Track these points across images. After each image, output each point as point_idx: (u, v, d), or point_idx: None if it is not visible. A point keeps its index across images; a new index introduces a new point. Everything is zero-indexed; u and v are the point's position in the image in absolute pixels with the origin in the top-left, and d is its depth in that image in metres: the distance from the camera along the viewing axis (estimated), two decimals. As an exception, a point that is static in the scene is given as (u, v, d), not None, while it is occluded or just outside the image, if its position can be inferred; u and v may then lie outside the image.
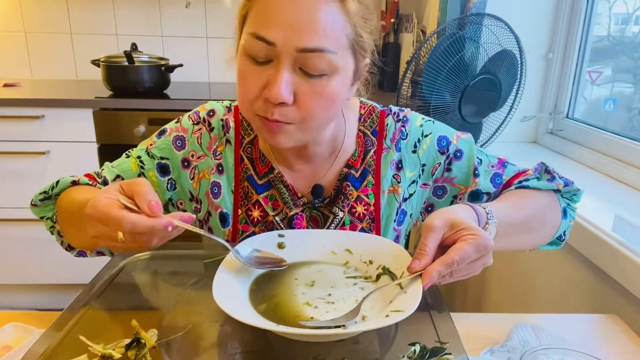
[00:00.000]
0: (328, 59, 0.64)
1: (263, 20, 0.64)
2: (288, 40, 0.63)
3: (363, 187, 0.82)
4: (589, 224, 1.00)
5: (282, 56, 0.64)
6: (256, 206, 0.81)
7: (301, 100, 0.66)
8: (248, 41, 0.66)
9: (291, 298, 0.64)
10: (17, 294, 2.28)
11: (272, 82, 0.64)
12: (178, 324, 0.60)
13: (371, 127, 0.84)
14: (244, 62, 0.67)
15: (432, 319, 0.61)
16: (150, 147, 0.83)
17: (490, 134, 1.56)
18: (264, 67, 0.66)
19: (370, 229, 0.82)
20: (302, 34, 0.63)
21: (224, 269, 0.64)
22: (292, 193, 0.81)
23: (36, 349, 0.54)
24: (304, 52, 0.63)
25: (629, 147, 1.28)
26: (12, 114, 1.96)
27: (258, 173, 0.82)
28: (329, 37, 0.64)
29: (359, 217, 0.81)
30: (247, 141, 0.82)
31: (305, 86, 0.65)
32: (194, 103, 2.01)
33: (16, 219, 2.09)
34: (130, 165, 0.82)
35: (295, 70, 0.65)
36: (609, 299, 0.97)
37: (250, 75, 0.67)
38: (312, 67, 0.64)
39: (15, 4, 2.43)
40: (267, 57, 0.65)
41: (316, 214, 0.82)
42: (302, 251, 0.74)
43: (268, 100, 0.65)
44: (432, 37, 1.39)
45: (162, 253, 0.80)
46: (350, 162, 0.82)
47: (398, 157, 0.83)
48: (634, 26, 1.50)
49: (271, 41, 0.63)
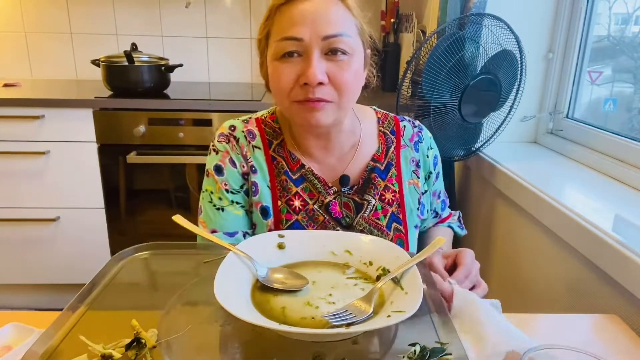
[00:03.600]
0: (347, 41, 0.79)
1: (288, 25, 0.78)
2: (313, 33, 0.77)
3: (388, 177, 0.95)
4: (589, 224, 1.00)
5: (310, 47, 0.78)
6: (296, 197, 0.91)
7: (334, 78, 0.79)
8: (278, 45, 0.80)
9: (292, 298, 0.64)
10: (17, 294, 2.28)
11: (306, 68, 0.78)
12: (178, 324, 0.60)
13: (389, 128, 0.98)
14: (277, 64, 0.81)
15: (432, 320, 0.61)
16: (224, 186, 0.91)
17: (490, 134, 1.56)
18: (294, 62, 0.79)
19: (398, 212, 0.94)
20: (323, 25, 0.77)
21: (225, 269, 0.64)
22: (324, 183, 0.92)
23: (36, 349, 0.54)
24: (327, 38, 0.78)
25: (629, 147, 1.28)
26: (12, 114, 1.96)
27: (291, 169, 0.92)
28: (343, 25, 0.79)
29: (389, 203, 0.94)
30: (275, 144, 0.94)
31: (334, 67, 0.79)
32: (194, 103, 2.03)
33: (16, 219, 2.09)
34: (233, 214, 0.91)
35: (322, 56, 0.79)
36: (609, 299, 0.97)
37: (284, 72, 0.80)
38: (337, 50, 0.79)
39: (15, 4, 2.43)
40: (297, 52, 0.79)
41: (347, 200, 0.93)
42: (302, 252, 0.75)
43: (307, 84, 0.78)
44: (432, 37, 1.39)
45: (162, 253, 0.81)
46: (375, 157, 0.95)
47: (417, 157, 0.98)
48: (634, 26, 1.50)
49: (299, 37, 0.77)
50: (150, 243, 0.79)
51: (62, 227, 2.13)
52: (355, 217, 0.91)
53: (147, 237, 0.82)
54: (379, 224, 0.92)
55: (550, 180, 1.30)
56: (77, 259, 2.17)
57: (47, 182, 2.05)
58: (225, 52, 2.57)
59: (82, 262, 2.17)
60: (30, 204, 2.09)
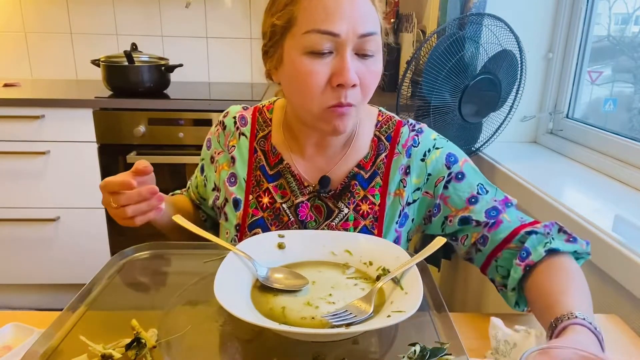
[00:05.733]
0: (377, 40, 0.74)
1: (323, 16, 0.70)
2: (351, 29, 0.70)
3: (370, 187, 0.86)
4: (589, 224, 1.00)
5: (345, 44, 0.71)
6: (266, 193, 0.88)
7: (362, 80, 0.74)
8: (309, 38, 0.71)
9: (292, 298, 0.64)
10: (17, 294, 2.28)
11: (341, 68, 0.71)
12: (178, 324, 0.60)
13: (386, 132, 0.88)
14: (306, 60, 0.72)
15: (432, 320, 0.61)
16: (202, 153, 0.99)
17: (490, 134, 1.56)
18: (325, 60, 0.72)
19: (372, 227, 0.85)
20: (360, 21, 0.71)
21: (225, 269, 0.64)
22: (299, 182, 0.87)
23: (36, 349, 0.54)
24: (364, 37, 0.72)
25: (629, 147, 1.28)
26: (12, 114, 1.96)
27: (269, 164, 0.89)
28: (375, 22, 0.74)
29: (363, 215, 0.85)
30: (261, 135, 0.91)
31: (363, 67, 0.73)
32: (194, 103, 2.02)
33: (16, 219, 2.09)
34: (197, 176, 1.01)
35: (353, 55, 0.73)
36: (609, 299, 0.97)
37: (315, 70, 0.72)
38: (368, 49, 0.73)
39: (15, 4, 2.43)
40: (329, 49, 0.71)
41: (320, 204, 0.87)
42: (302, 251, 0.74)
43: (341, 85, 0.72)
44: (432, 37, 1.39)
45: (162, 253, 0.81)
46: (361, 163, 0.87)
47: (407, 163, 0.86)
48: (634, 26, 1.50)
49: (337, 33, 0.70)
50: (150, 243, 0.79)
51: (62, 227, 2.13)
52: (322, 223, 0.86)
53: (147, 237, 0.82)
54: None
55: (550, 180, 1.30)
56: (77, 259, 2.17)
57: (47, 182, 2.05)
58: (225, 52, 2.57)
59: (82, 262, 2.17)
60: (30, 204, 2.09)
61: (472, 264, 0.87)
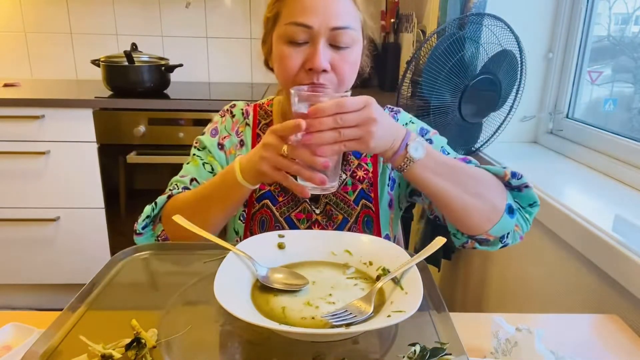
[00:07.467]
0: (352, 34, 0.84)
1: (300, 11, 0.82)
2: (323, 22, 0.82)
3: (363, 157, 0.99)
4: (589, 224, 1.00)
5: (318, 36, 0.82)
6: None
7: (335, 67, 0.84)
8: (288, 29, 0.83)
9: (292, 298, 0.64)
10: (17, 294, 2.28)
11: (312, 55, 0.82)
12: (178, 324, 0.60)
13: None
14: (284, 47, 0.84)
15: (432, 320, 0.61)
16: (196, 145, 1.02)
17: (490, 134, 1.56)
18: (301, 48, 0.84)
19: (369, 190, 0.98)
20: (333, 17, 0.82)
21: (225, 269, 0.64)
22: None
23: (36, 349, 0.54)
24: (335, 30, 0.82)
25: (629, 147, 1.28)
26: (12, 114, 1.96)
27: None
28: (350, 18, 0.84)
29: (359, 179, 0.98)
30: (263, 123, 1.02)
31: (337, 57, 0.84)
32: (194, 103, 2.03)
33: (16, 218, 2.09)
34: (192, 165, 0.99)
35: (327, 46, 0.84)
36: (609, 299, 0.97)
37: (291, 56, 0.84)
38: (341, 41, 0.83)
39: (15, 4, 2.43)
40: (305, 39, 0.83)
41: None
42: (302, 251, 0.74)
43: (312, 69, 0.82)
44: (432, 37, 1.39)
45: (162, 253, 0.81)
46: None
47: None
48: (634, 26, 1.50)
49: (310, 25, 0.82)
50: (150, 243, 0.79)
51: (62, 227, 2.13)
52: None
53: (147, 237, 0.82)
54: (347, 198, 0.96)
55: (550, 180, 1.30)
56: (77, 259, 2.17)
57: (47, 182, 2.05)
58: (225, 52, 2.57)
59: (82, 262, 2.18)
60: (30, 204, 2.09)
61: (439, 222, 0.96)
